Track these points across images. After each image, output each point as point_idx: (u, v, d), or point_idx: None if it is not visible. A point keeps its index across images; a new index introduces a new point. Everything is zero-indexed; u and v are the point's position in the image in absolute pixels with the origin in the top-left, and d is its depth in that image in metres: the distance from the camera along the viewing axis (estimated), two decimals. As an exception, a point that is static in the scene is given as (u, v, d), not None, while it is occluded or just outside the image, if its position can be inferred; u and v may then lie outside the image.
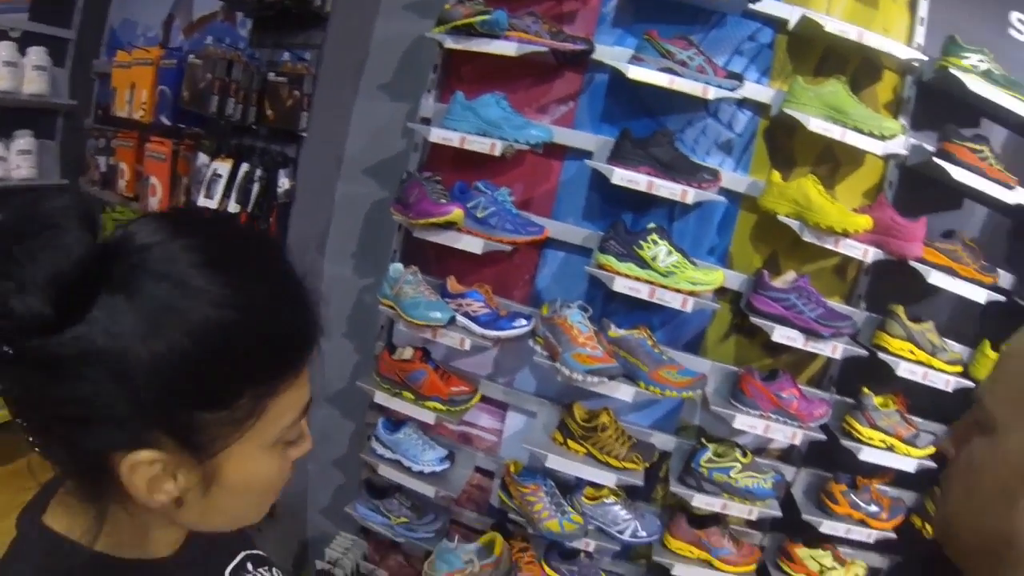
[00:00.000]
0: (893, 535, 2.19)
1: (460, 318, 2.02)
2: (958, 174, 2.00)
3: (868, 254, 1.98)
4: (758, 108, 2.11)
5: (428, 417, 2.09)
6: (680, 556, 2.17)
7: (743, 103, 2.09)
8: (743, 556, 2.19)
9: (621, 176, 1.92)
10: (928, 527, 2.26)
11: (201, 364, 0.53)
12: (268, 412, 0.59)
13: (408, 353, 2.14)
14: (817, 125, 1.93)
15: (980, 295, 2.07)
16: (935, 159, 2.00)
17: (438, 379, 2.10)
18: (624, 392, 1.94)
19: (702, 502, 2.07)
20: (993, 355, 2.18)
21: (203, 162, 2.59)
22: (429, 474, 2.18)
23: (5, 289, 0.47)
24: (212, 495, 0.59)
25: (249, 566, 0.77)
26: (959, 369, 2.10)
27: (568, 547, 2.20)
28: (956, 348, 2.13)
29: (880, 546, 2.23)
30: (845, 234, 1.92)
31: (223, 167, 2.45)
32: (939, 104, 2.15)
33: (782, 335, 1.94)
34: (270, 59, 2.51)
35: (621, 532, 2.15)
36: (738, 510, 2.08)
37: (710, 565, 2.17)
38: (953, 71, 1.98)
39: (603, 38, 2.09)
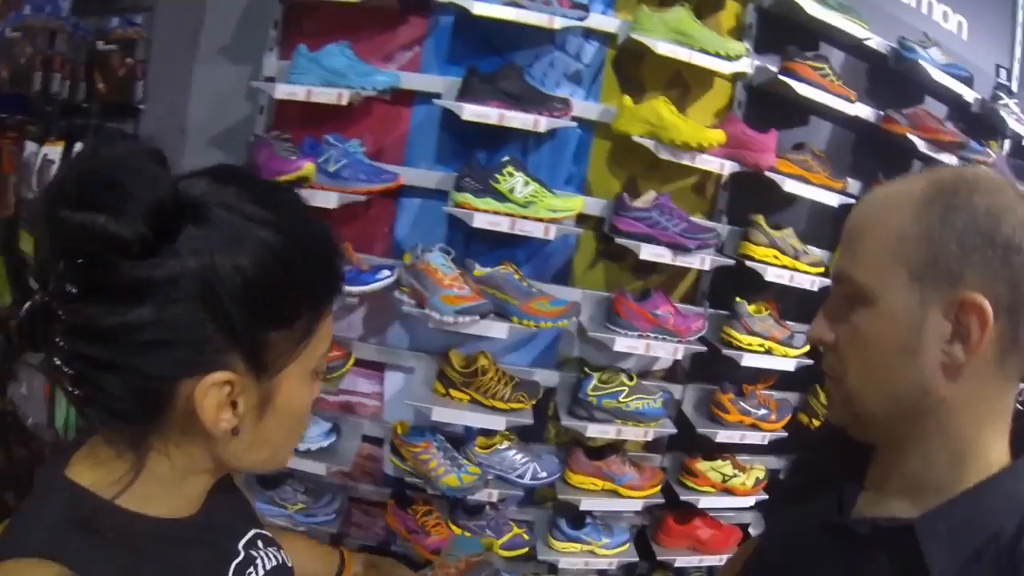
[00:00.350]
0: (784, 433, 2.30)
1: (321, 280, 1.92)
2: (803, 89, 2.09)
3: (724, 167, 2.04)
4: (605, 38, 2.12)
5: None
6: (584, 490, 2.17)
7: (590, 34, 2.10)
8: (647, 479, 2.23)
9: (471, 112, 1.86)
10: (815, 421, 2.38)
11: (272, 283, 0.57)
12: (315, 335, 0.64)
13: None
14: (665, 48, 1.96)
15: (833, 199, 2.18)
16: (780, 75, 2.08)
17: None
18: (498, 330, 1.90)
19: (596, 431, 2.08)
20: (849, 255, 2.30)
21: (31, 151, 2.33)
22: (316, 451, 2.06)
23: (103, 219, 0.50)
24: (263, 422, 0.62)
25: (259, 543, 0.77)
26: (821, 270, 2.21)
27: (472, 502, 2.16)
28: (816, 252, 2.23)
29: (774, 446, 2.33)
30: (700, 149, 1.96)
31: (54, 151, 2.21)
32: (780, 29, 2.24)
33: (649, 252, 1.96)
34: (97, 27, 2.26)
35: (521, 476, 2.13)
36: (633, 434, 2.10)
37: (616, 494, 2.19)
38: (793, -4, 2.07)
39: (446, -22, 2.03)
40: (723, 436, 2.17)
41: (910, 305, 0.64)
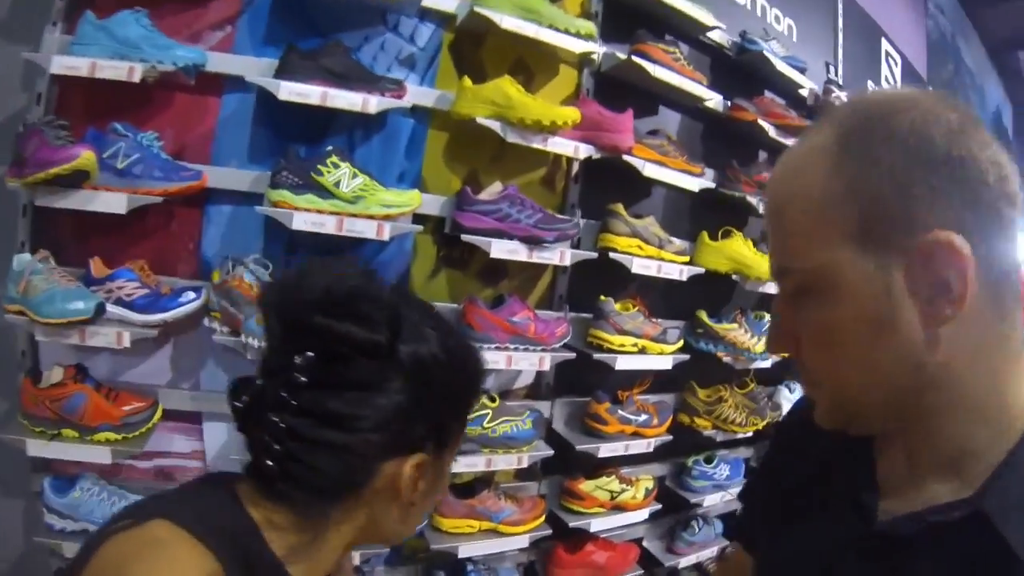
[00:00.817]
0: (670, 437, 2.12)
1: (112, 307, 1.51)
2: (657, 71, 1.98)
3: (579, 151, 1.86)
4: (442, 20, 1.89)
5: (102, 456, 1.54)
6: (460, 535, 1.85)
7: (425, 15, 1.86)
8: (528, 511, 1.95)
9: (289, 90, 1.54)
10: (696, 420, 2.23)
11: (461, 383, 0.73)
12: (464, 428, 0.77)
13: (57, 375, 1.57)
14: (511, 23, 1.75)
15: (693, 184, 2.08)
16: (633, 57, 1.95)
17: (103, 400, 1.55)
18: None
19: (463, 464, 1.78)
20: (712, 243, 2.21)
21: None
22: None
23: (355, 327, 0.62)
24: (424, 496, 0.71)
25: None
26: (687, 259, 2.08)
27: None
28: (678, 242, 2.11)
29: (659, 454, 2.16)
30: (553, 128, 1.77)
31: None
32: (626, 17, 2.13)
33: (502, 249, 1.72)
34: None
35: None
36: (505, 462, 1.83)
37: (496, 532, 1.89)
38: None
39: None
40: (606, 450, 1.96)
41: (867, 275, 0.52)
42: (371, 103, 1.62)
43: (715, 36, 2.39)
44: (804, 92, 2.67)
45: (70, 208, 1.51)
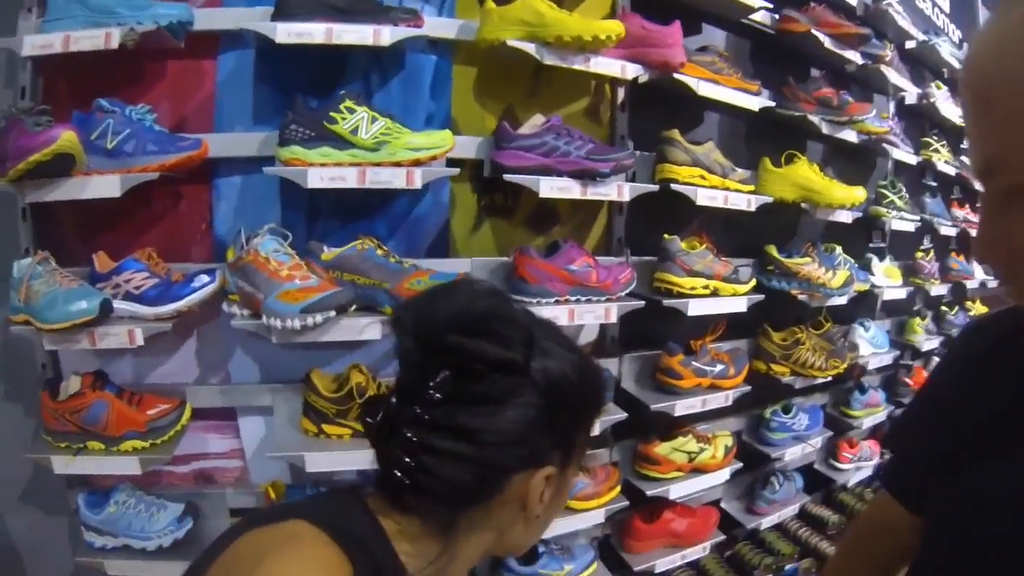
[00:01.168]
0: (748, 388, 1.92)
1: (120, 303, 1.31)
2: None
3: (627, 70, 1.62)
4: None
5: (131, 467, 1.35)
6: None
7: None
8: (601, 482, 1.75)
9: (288, 31, 1.32)
10: (773, 367, 2.02)
11: (590, 399, 0.74)
12: (586, 441, 0.77)
13: (75, 384, 1.37)
14: None
15: (753, 103, 1.84)
16: None
17: (126, 406, 1.36)
18: (368, 328, 1.37)
19: None
20: (776, 170, 1.97)
21: None
22: (171, 547, 1.46)
23: (493, 346, 0.63)
24: (548, 509, 0.71)
25: None
26: (752, 188, 1.85)
27: None
28: (741, 170, 1.87)
29: (736, 406, 1.95)
30: (595, 45, 1.53)
31: None
32: None
33: (551, 187, 1.48)
34: None
35: None
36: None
37: (569, 509, 1.69)
38: None
39: None
40: (683, 407, 1.75)
41: None
42: (384, 34, 1.40)
43: None
44: (853, 2, 2.41)
45: (63, 200, 1.33)
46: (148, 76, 1.50)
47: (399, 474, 0.63)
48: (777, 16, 2.09)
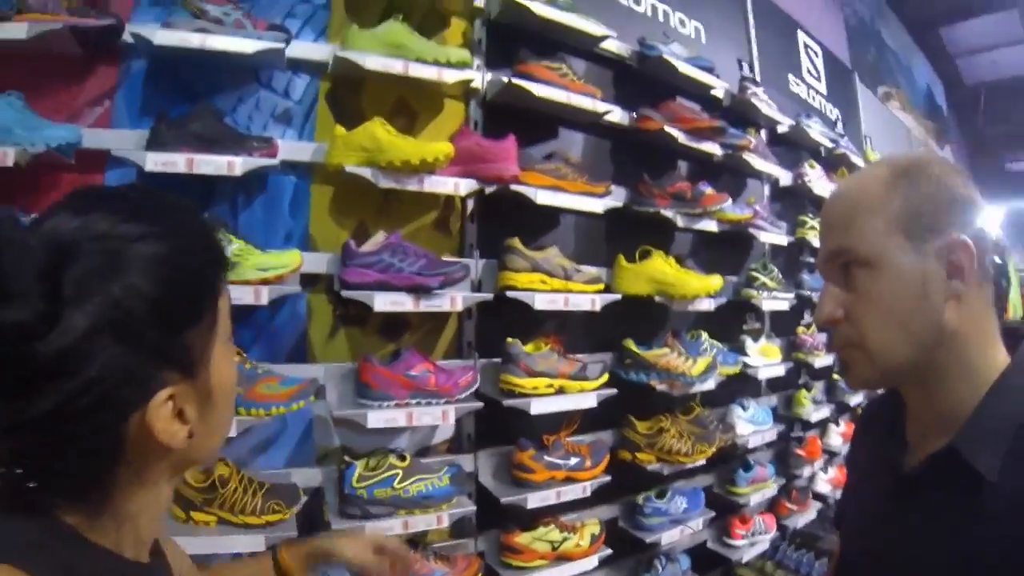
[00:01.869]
0: (608, 478, 1.92)
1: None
2: (541, 91, 1.83)
3: (460, 187, 1.68)
4: (316, 69, 1.74)
5: None
6: None
7: (299, 67, 1.72)
8: (461, 572, 1.73)
9: (155, 161, 1.41)
10: (639, 455, 2.04)
11: (173, 291, 0.55)
12: (220, 311, 0.62)
13: None
14: (375, 62, 1.62)
15: (597, 205, 1.91)
16: (514, 80, 1.80)
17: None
18: None
19: (377, 529, 1.57)
20: (629, 266, 2.04)
21: None
22: None
23: None
24: (208, 413, 0.61)
25: None
26: (601, 287, 1.90)
27: None
28: (590, 270, 1.93)
29: (600, 495, 1.95)
30: (426, 167, 1.60)
31: None
32: (512, 41, 1.98)
33: (385, 302, 1.54)
34: None
35: None
36: (425, 522, 1.63)
37: None
38: (520, -1, 1.82)
39: (141, 18, 1.59)
40: (535, 500, 1.76)
41: (911, 260, 0.74)
42: (236, 165, 1.48)
43: (614, 47, 2.24)
44: (719, 93, 2.54)
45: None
46: (42, 186, 1.52)
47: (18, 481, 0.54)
48: (634, 114, 2.20)
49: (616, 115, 2.15)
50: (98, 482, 0.56)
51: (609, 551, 1.96)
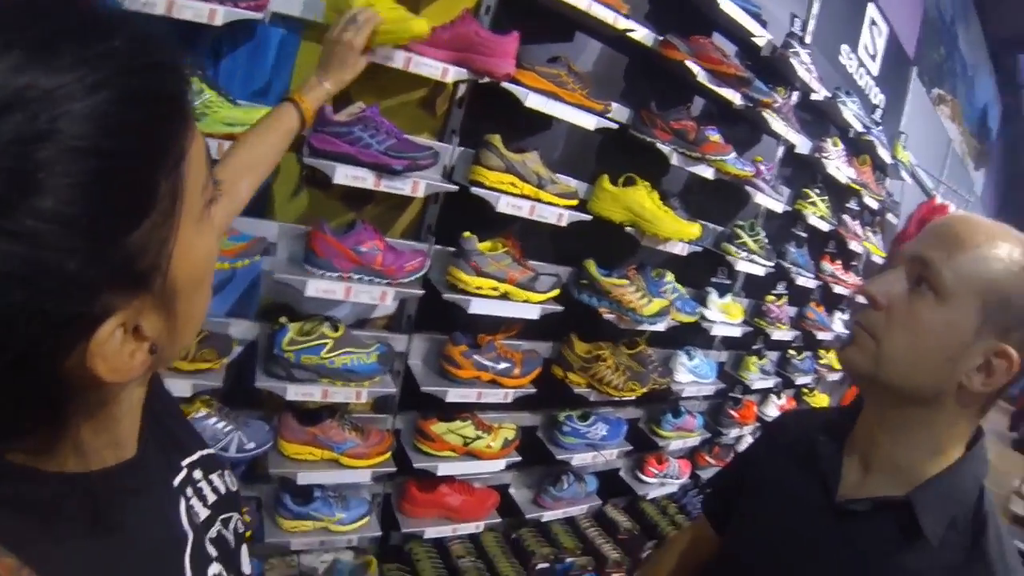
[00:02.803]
0: (532, 390, 1.93)
1: None
2: None
3: (448, 73, 1.56)
4: None
5: None
6: (300, 461, 1.71)
7: None
8: (372, 446, 1.78)
9: None
10: (571, 375, 2.05)
11: (104, 185, 0.37)
12: (185, 181, 0.44)
13: None
14: None
15: (589, 121, 1.79)
16: None
17: None
18: None
19: (297, 392, 1.59)
20: (611, 188, 1.95)
21: None
22: None
23: None
24: (175, 314, 0.46)
25: (195, 475, 0.62)
26: (573, 203, 1.82)
27: None
28: (569, 181, 1.85)
29: (522, 403, 1.96)
30: (403, 42, 1.47)
31: None
32: None
33: (345, 175, 1.47)
34: None
35: (225, 449, 1.61)
36: (344, 395, 1.64)
37: (337, 464, 1.73)
38: None
39: None
40: (455, 395, 1.77)
41: (970, 326, 0.74)
42: (218, 14, 1.35)
43: None
44: (760, 42, 2.34)
45: None
46: None
47: None
48: (660, 38, 2.05)
49: (641, 34, 1.99)
50: (43, 421, 0.44)
51: (518, 458, 2.01)
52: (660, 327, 2.12)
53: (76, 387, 0.43)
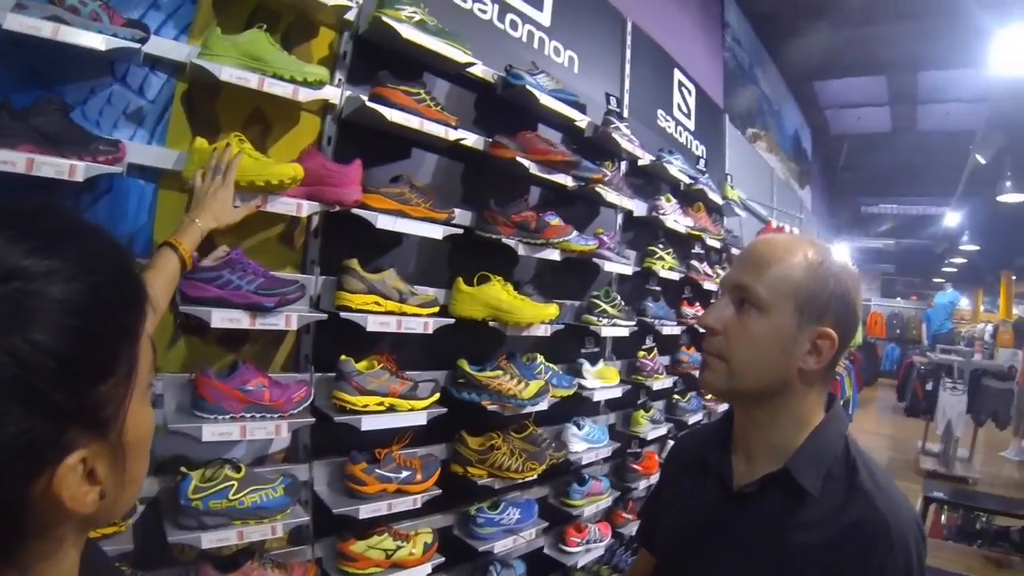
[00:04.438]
0: (439, 491, 2.09)
1: None
2: (394, 116, 1.94)
3: (303, 208, 1.78)
4: (174, 69, 1.77)
5: None
6: None
7: (157, 64, 1.74)
8: None
9: None
10: (471, 470, 2.24)
11: (83, 342, 0.51)
12: (139, 358, 0.58)
13: None
14: (230, 74, 1.67)
15: (436, 231, 2.06)
16: (368, 103, 1.92)
17: None
18: None
19: (212, 540, 1.64)
20: (467, 289, 2.21)
21: None
22: None
23: None
24: (122, 470, 0.57)
25: None
26: (435, 310, 2.06)
27: None
28: (428, 291, 2.09)
29: (434, 506, 2.12)
30: (270, 188, 1.69)
31: None
32: (377, 58, 2.09)
33: (222, 318, 1.62)
34: None
35: None
36: (260, 532, 1.72)
37: None
38: (388, 20, 1.94)
39: None
40: (367, 511, 1.89)
41: (791, 324, 0.99)
42: (79, 170, 1.47)
43: (479, 72, 2.37)
44: (582, 124, 2.71)
45: None
46: None
47: None
48: (490, 140, 2.37)
49: (472, 140, 2.32)
50: (17, 540, 0.52)
51: (442, 559, 2.13)
52: (543, 406, 2.36)
53: (37, 516, 0.51)
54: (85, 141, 1.56)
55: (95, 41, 1.51)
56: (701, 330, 1.09)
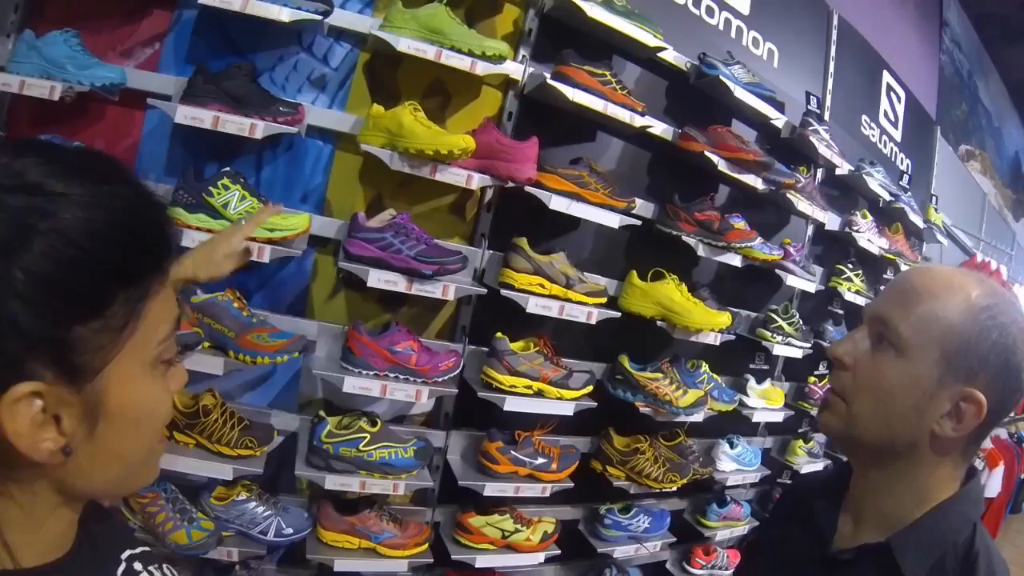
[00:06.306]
0: (570, 484, 1.95)
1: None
2: (577, 96, 1.80)
3: (473, 180, 1.69)
4: (358, 40, 1.78)
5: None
6: (337, 549, 1.76)
7: (341, 35, 1.76)
8: (410, 537, 1.81)
9: (184, 114, 1.50)
10: (610, 469, 2.07)
11: (72, 268, 0.46)
12: (144, 319, 0.51)
13: None
14: (408, 45, 1.63)
15: (612, 219, 1.89)
16: (550, 80, 1.79)
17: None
18: (211, 364, 1.52)
19: (335, 483, 1.67)
20: (640, 284, 2.02)
21: None
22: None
23: None
24: (100, 434, 0.50)
25: (137, 566, 0.64)
26: (602, 300, 1.90)
27: (223, 563, 1.69)
28: (600, 280, 1.93)
29: (562, 497, 1.98)
30: (440, 158, 1.61)
31: None
32: (564, 37, 1.95)
33: (378, 279, 1.59)
34: None
35: (264, 532, 1.69)
36: (381, 486, 1.70)
37: (375, 553, 1.78)
38: (574, -1, 1.79)
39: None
40: (492, 489, 1.81)
41: (932, 376, 0.76)
42: (258, 128, 1.55)
43: (671, 58, 2.15)
44: (778, 123, 2.43)
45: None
46: (90, 115, 1.66)
47: None
48: (679, 131, 2.15)
49: (660, 129, 2.11)
50: None
51: (558, 551, 2.00)
52: (698, 417, 2.13)
53: None
54: (267, 103, 1.62)
55: (280, 14, 1.55)
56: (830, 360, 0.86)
